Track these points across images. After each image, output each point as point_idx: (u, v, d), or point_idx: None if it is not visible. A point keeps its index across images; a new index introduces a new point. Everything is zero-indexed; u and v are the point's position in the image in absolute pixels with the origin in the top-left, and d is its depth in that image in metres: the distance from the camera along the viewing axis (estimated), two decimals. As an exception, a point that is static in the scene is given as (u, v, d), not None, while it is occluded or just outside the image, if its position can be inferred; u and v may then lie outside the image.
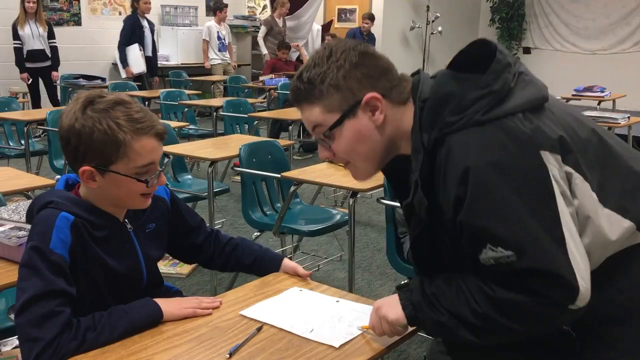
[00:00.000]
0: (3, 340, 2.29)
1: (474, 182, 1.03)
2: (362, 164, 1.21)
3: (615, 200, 1.10)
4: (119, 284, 1.36)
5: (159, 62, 8.38)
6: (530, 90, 1.10)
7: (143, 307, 1.30)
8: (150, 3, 7.36)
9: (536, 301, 1.02)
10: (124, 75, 7.37)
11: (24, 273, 1.24)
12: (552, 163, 1.04)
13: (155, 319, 1.30)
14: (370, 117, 1.15)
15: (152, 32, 7.55)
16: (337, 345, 1.21)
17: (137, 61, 7.30)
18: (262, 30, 8.35)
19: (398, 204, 2.42)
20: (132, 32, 7.28)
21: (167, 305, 1.32)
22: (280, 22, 8.34)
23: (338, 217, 3.04)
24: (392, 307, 1.20)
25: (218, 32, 8.46)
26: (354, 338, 1.26)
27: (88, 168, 1.28)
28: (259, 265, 1.59)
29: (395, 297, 1.21)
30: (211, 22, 8.49)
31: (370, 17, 8.67)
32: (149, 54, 7.47)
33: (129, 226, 1.39)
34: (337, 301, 1.41)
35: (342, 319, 1.32)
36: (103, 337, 1.21)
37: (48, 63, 6.95)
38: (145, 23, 7.42)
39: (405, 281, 1.23)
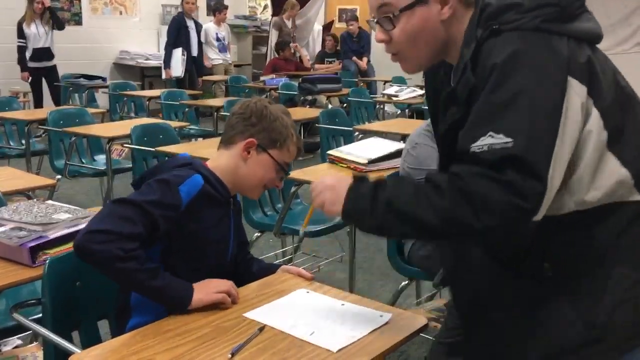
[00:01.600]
0: (4, 340, 2.29)
1: (501, 71, 1.06)
2: (415, 55, 1.22)
3: (623, 149, 1.12)
4: (207, 251, 1.50)
5: (160, 61, 8.39)
6: (592, 25, 1.14)
7: (177, 289, 1.36)
8: (193, 3, 7.40)
9: (507, 193, 1.02)
10: (164, 76, 7.41)
11: (143, 188, 1.40)
12: (576, 91, 1.07)
13: (182, 303, 1.34)
14: (439, 10, 1.16)
15: (199, 32, 7.62)
16: (334, 350, 1.20)
17: (176, 65, 7.34)
18: (274, 34, 8.38)
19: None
20: (178, 33, 7.31)
21: (198, 293, 1.36)
22: (289, 23, 8.36)
23: (339, 217, 3.02)
24: (338, 198, 1.22)
25: (217, 33, 8.47)
26: (354, 342, 1.25)
27: (254, 141, 1.52)
28: (264, 272, 1.62)
29: (342, 187, 1.21)
30: (209, 23, 8.50)
31: (353, 18, 8.70)
32: (195, 54, 7.56)
33: (232, 206, 1.59)
34: (343, 304, 1.39)
35: (344, 323, 1.31)
36: (137, 280, 1.32)
37: (53, 62, 6.95)
38: (191, 24, 7.47)
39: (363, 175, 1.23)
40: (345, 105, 6.72)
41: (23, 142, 4.57)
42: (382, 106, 7.02)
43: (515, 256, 1.19)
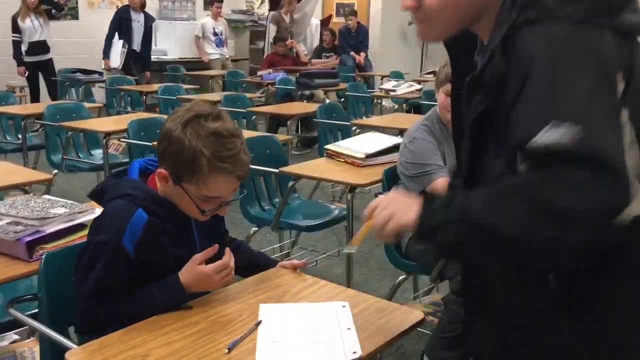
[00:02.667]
0: (0, 335, 2.28)
1: (545, 64, 0.94)
2: (443, 23, 1.11)
3: None
4: (175, 268, 1.40)
5: (156, 56, 8.35)
6: (637, 18, 1.03)
7: (167, 291, 1.35)
8: None
9: (590, 199, 0.88)
10: (102, 66, 7.34)
11: (89, 262, 1.34)
12: (619, 87, 0.96)
13: (179, 301, 1.35)
14: None
15: (148, 26, 7.48)
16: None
17: (115, 56, 7.27)
18: (272, 29, 8.35)
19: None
20: (120, 25, 7.24)
21: (194, 287, 1.37)
22: (287, 18, 8.33)
23: (336, 212, 3.03)
24: (408, 208, 1.06)
25: (214, 27, 8.44)
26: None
27: (165, 172, 1.36)
28: (254, 267, 1.58)
29: (414, 200, 1.07)
30: (207, 18, 8.48)
31: (352, 13, 8.66)
32: (135, 48, 7.39)
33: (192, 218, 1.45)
34: (349, 328, 1.28)
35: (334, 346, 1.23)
36: (137, 315, 1.30)
37: (49, 56, 6.93)
38: (137, 17, 7.36)
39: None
40: (342, 100, 6.72)
41: (20, 136, 4.56)
42: (379, 101, 7.02)
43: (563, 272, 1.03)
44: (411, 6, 1.09)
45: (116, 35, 7.27)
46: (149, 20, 7.51)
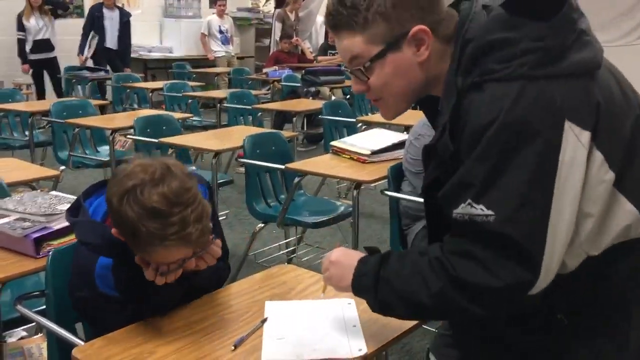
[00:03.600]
0: (9, 332, 2.30)
1: (491, 135, 0.96)
2: (395, 101, 1.13)
3: (631, 185, 1.03)
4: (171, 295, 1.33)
5: (162, 54, 8.36)
6: (586, 54, 1.00)
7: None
8: None
9: (497, 277, 0.98)
10: (78, 63, 7.35)
11: (83, 314, 1.39)
12: (576, 138, 0.96)
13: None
14: (414, 52, 1.05)
15: (123, 22, 7.43)
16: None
17: (85, 47, 7.28)
18: (277, 26, 8.34)
19: (402, 196, 2.42)
20: (92, 22, 7.25)
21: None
22: (292, 16, 8.33)
23: (342, 208, 3.03)
24: (344, 275, 1.17)
25: (220, 25, 8.45)
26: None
27: (115, 231, 1.24)
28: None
29: (352, 265, 1.15)
30: (212, 16, 8.48)
31: None
32: (109, 45, 7.37)
33: None
34: (354, 326, 1.29)
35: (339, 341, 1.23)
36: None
37: (53, 54, 6.96)
38: (110, 14, 7.33)
39: (373, 247, 1.19)
40: (348, 97, 6.70)
41: (27, 133, 4.58)
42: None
43: (520, 315, 1.11)
44: (360, 90, 1.12)
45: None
46: (124, 16, 7.49)
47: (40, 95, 6.98)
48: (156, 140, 3.46)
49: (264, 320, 1.29)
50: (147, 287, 1.26)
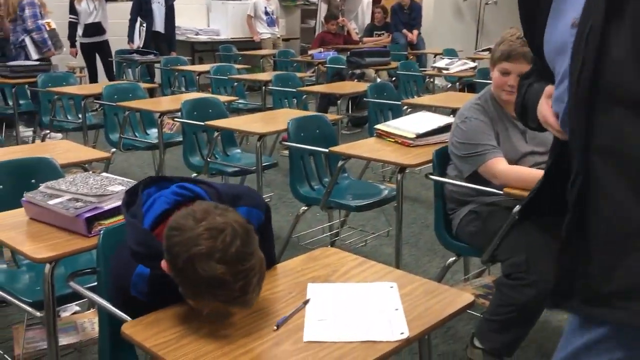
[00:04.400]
0: (62, 307, 2.40)
1: None
2: None
3: None
4: None
5: (209, 36, 8.44)
6: None
7: None
8: None
9: None
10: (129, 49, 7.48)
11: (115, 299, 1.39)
12: None
13: None
14: None
15: (169, 5, 7.50)
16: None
17: (136, 36, 7.37)
18: (323, 7, 8.31)
19: (447, 180, 2.39)
20: (140, 7, 7.33)
21: None
22: None
23: (386, 192, 3.02)
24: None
25: (266, 7, 8.46)
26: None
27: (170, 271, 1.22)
28: None
29: None
30: None
31: None
32: (158, 29, 7.46)
33: None
34: (397, 309, 1.29)
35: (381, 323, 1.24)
36: None
37: (104, 37, 7.12)
38: None
39: None
40: (394, 78, 6.63)
41: (79, 116, 4.72)
42: (431, 79, 6.90)
43: None
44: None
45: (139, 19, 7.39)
46: (168, 0, 7.58)
47: (93, 78, 7.17)
48: (202, 123, 3.51)
49: (307, 302, 1.30)
50: (178, 298, 1.26)
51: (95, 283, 1.56)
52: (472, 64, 6.10)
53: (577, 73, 0.97)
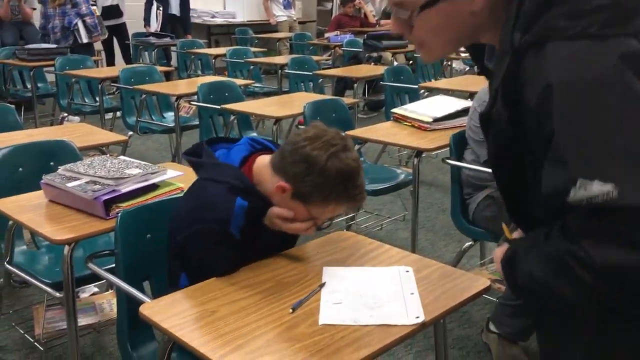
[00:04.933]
0: (81, 287, 2.43)
1: (563, 97, 0.85)
2: (439, 47, 1.05)
3: None
4: (252, 254, 1.44)
5: (225, 19, 8.41)
6: None
7: None
8: None
9: None
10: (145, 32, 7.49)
11: (204, 247, 1.39)
12: None
13: None
14: (469, 1, 0.97)
15: None
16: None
17: (153, 20, 7.38)
18: None
19: (464, 165, 2.37)
20: None
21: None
22: None
23: (402, 176, 3.01)
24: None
25: (282, -11, 8.41)
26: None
27: (287, 187, 1.36)
28: None
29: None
30: None
31: None
32: (173, 12, 7.45)
33: None
34: (412, 293, 1.29)
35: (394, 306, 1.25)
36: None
37: (122, 20, 7.13)
38: None
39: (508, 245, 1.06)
40: (411, 62, 6.58)
41: (97, 99, 4.75)
42: (449, 63, 6.82)
43: None
44: (402, 33, 1.03)
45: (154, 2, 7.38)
46: None
47: (110, 61, 7.20)
48: (219, 107, 3.51)
49: (322, 285, 1.31)
50: (264, 234, 1.42)
51: (114, 265, 1.58)
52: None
53: None
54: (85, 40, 5.98)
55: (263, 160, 1.44)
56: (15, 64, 5.33)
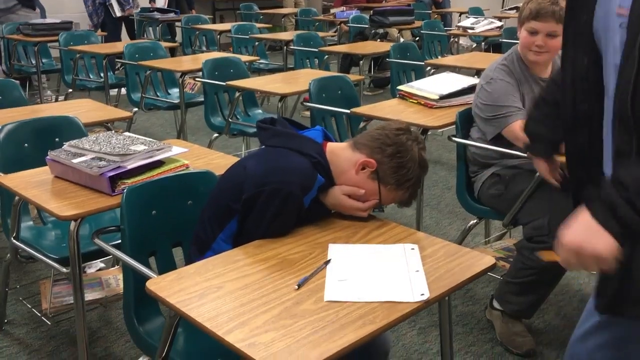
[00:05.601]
0: (88, 263, 2.45)
1: None
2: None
3: None
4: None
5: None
6: None
7: None
8: None
9: None
10: (149, 6, 7.43)
11: (281, 207, 1.42)
12: None
13: None
14: None
15: None
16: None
17: None
18: None
19: (470, 142, 2.36)
20: None
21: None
22: None
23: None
24: (596, 238, 0.96)
25: (288, -37, 8.30)
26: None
27: (374, 164, 1.48)
28: None
29: (589, 222, 0.97)
30: None
31: None
32: None
33: None
34: (417, 270, 1.30)
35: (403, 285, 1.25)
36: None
37: None
38: None
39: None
40: (417, 38, 6.51)
41: (102, 75, 4.73)
42: (456, 39, 6.75)
43: None
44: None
45: None
46: None
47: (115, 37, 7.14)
48: (224, 83, 3.50)
49: (327, 262, 1.31)
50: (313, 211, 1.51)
51: (119, 241, 1.58)
52: (498, 23, 5.95)
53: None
54: (118, 13, 6.00)
55: (333, 146, 1.55)
56: (20, 39, 5.30)
